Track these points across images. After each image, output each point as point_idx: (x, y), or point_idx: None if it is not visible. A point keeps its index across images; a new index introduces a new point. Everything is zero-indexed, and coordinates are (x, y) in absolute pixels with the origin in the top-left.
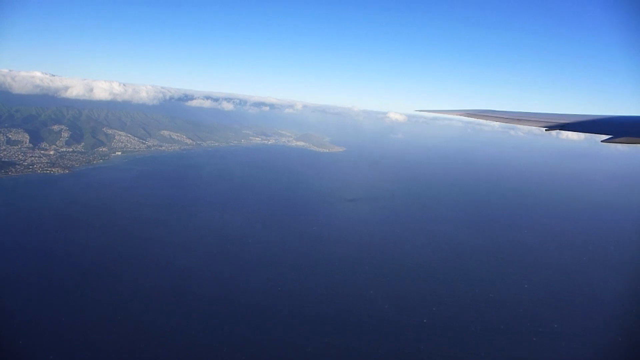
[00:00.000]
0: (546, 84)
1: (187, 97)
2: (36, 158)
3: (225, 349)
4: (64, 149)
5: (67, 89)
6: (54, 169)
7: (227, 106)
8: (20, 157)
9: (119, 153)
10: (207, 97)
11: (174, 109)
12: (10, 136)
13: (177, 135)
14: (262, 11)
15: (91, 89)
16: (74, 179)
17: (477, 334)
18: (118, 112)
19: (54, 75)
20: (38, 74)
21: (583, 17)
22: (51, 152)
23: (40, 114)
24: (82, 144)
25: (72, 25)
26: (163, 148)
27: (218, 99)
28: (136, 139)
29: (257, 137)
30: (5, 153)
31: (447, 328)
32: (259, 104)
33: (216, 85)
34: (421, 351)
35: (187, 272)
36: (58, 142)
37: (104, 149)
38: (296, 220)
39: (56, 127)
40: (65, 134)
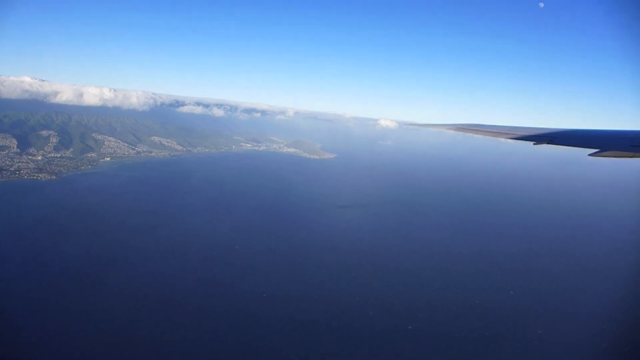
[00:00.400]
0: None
1: (178, 103)
2: (23, 164)
3: (211, 355)
4: (52, 155)
5: (56, 94)
6: (40, 175)
7: (218, 112)
8: (7, 162)
9: (108, 159)
10: (198, 104)
11: (164, 114)
12: None
13: (168, 142)
14: (253, 18)
15: (81, 95)
16: (60, 185)
17: (461, 340)
18: (108, 118)
19: (43, 81)
20: (27, 79)
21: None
22: (39, 158)
23: (29, 119)
24: (71, 149)
25: (62, 30)
26: (153, 154)
27: (209, 105)
28: (126, 144)
29: (248, 144)
30: None
31: (431, 334)
32: (250, 110)
33: (207, 91)
34: (404, 357)
35: (172, 278)
36: (46, 147)
37: (92, 154)
38: (284, 226)
39: (45, 133)
40: (54, 140)
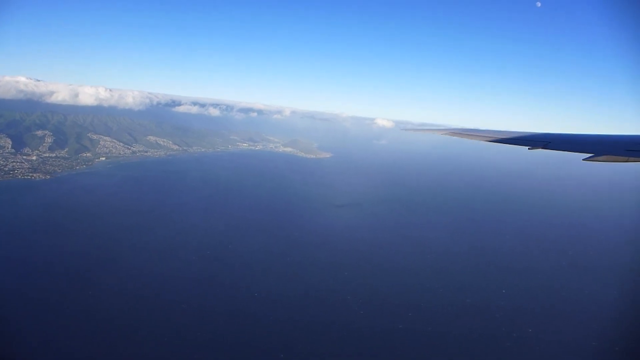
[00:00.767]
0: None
1: (175, 103)
2: (17, 163)
3: (205, 354)
4: (47, 155)
5: (52, 94)
6: (35, 175)
7: (214, 112)
8: (1, 162)
9: (104, 158)
10: (194, 103)
11: (160, 114)
12: None
13: (164, 141)
14: (250, 17)
15: (77, 94)
16: (55, 184)
17: (450, 338)
18: (104, 118)
19: (38, 81)
20: (22, 78)
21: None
22: (33, 158)
23: (24, 119)
24: (66, 149)
25: (57, 29)
26: (149, 154)
27: (205, 105)
28: (121, 144)
29: (245, 143)
30: None
31: (421, 333)
32: (246, 109)
33: (204, 91)
34: (393, 356)
35: (167, 278)
36: (41, 147)
37: (88, 154)
38: (279, 225)
39: (40, 133)
40: (49, 140)
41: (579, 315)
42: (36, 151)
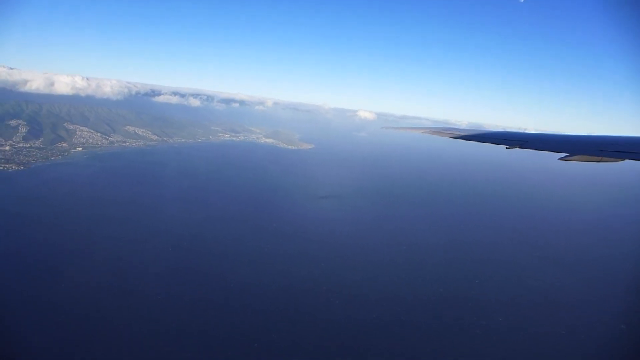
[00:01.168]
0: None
1: (154, 93)
2: None
3: (177, 345)
4: (20, 145)
5: (26, 82)
6: (8, 166)
7: (194, 102)
8: None
9: (80, 149)
10: (174, 93)
11: (140, 104)
12: None
13: (143, 131)
14: (233, 7)
15: (52, 83)
16: (28, 175)
17: (422, 327)
18: (81, 107)
19: (12, 69)
20: None
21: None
22: (7, 148)
23: None
24: (41, 139)
25: (30, 16)
26: (127, 144)
27: (185, 95)
28: (99, 134)
29: (226, 134)
30: None
31: (394, 323)
32: (228, 100)
33: (184, 81)
34: (366, 344)
35: (140, 268)
36: (15, 137)
37: (64, 144)
38: (258, 216)
39: (14, 122)
40: (23, 129)
41: (547, 305)
42: (9, 141)
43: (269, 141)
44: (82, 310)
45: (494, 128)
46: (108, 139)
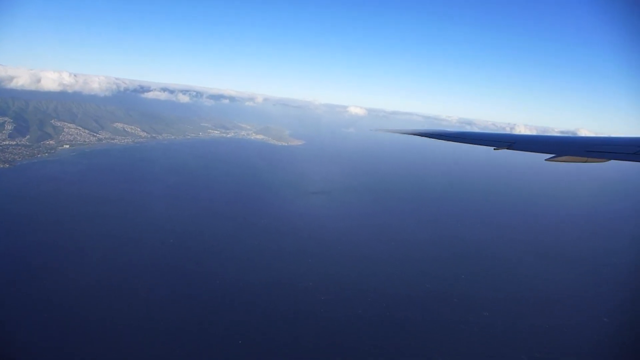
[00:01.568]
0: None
1: (143, 89)
2: None
3: (165, 341)
4: (6, 142)
5: (12, 79)
6: None
7: (183, 98)
8: None
9: (67, 146)
10: (164, 89)
11: (128, 100)
12: None
13: (131, 128)
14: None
15: (39, 80)
16: (14, 173)
17: (408, 322)
18: (68, 104)
19: None
20: None
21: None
22: None
23: None
24: (27, 137)
25: (16, 11)
26: (115, 141)
27: (174, 91)
28: (87, 131)
29: (216, 130)
30: None
31: (379, 317)
32: (217, 96)
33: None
34: (351, 340)
35: (126, 266)
36: (0, 135)
37: (51, 142)
38: (246, 213)
39: None
40: (9, 127)
41: (533, 301)
42: None
43: (259, 137)
44: (69, 308)
45: (485, 124)
46: (96, 136)
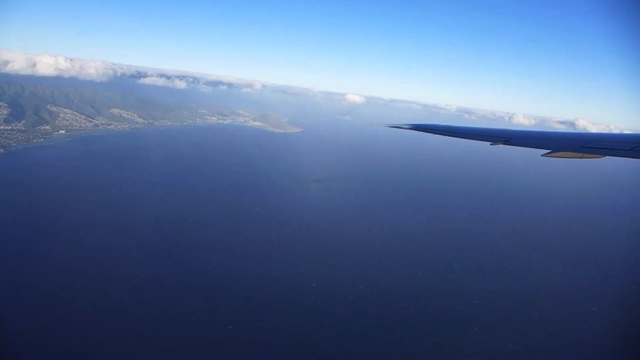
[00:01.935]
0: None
1: (140, 74)
2: None
3: (155, 329)
4: (2, 127)
5: (7, 63)
6: None
7: (180, 84)
8: None
9: (63, 132)
10: (161, 75)
11: (125, 86)
12: None
13: (128, 114)
14: None
15: (34, 64)
16: (9, 158)
17: (397, 309)
18: (65, 89)
19: None
20: None
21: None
22: None
23: None
24: (23, 121)
25: None
26: (112, 127)
27: (171, 77)
28: (83, 117)
29: (213, 117)
30: None
31: (370, 306)
32: (215, 82)
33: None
34: (341, 327)
35: (118, 253)
36: None
37: (46, 127)
38: (240, 201)
39: None
40: (5, 111)
41: (523, 291)
42: None
43: (257, 124)
44: (62, 295)
45: (484, 112)
46: (92, 122)
